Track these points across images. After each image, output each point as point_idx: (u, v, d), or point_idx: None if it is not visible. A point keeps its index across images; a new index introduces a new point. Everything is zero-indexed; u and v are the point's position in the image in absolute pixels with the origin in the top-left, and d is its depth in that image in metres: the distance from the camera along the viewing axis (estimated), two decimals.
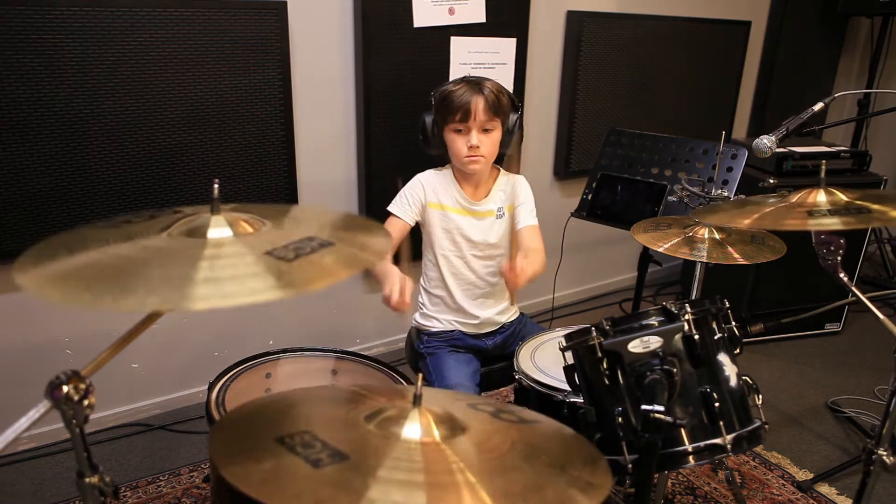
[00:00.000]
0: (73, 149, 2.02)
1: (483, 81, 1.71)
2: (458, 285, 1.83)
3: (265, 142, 2.33)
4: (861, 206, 1.19)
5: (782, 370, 2.89)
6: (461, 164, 1.75)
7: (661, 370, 1.11)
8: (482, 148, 1.70)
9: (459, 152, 1.71)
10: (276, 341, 2.56)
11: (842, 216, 1.17)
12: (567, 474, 0.85)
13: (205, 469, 2.14)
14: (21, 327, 2.13)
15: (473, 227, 1.81)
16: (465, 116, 1.67)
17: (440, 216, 1.80)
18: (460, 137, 1.71)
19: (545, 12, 2.92)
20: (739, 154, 2.09)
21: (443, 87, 1.73)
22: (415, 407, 0.89)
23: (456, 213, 1.80)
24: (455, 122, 1.69)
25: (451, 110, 1.68)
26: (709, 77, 3.52)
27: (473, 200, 1.81)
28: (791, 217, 1.21)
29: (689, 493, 2.10)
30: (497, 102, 1.69)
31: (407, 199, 1.79)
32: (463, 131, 1.70)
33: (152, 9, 2.03)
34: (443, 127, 1.73)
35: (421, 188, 1.80)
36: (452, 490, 0.75)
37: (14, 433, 0.76)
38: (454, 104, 1.67)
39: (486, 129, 1.70)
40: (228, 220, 0.89)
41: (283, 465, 0.75)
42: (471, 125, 1.68)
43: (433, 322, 1.87)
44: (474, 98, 1.66)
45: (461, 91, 1.68)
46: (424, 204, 1.79)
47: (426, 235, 1.84)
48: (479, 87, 1.68)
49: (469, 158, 1.71)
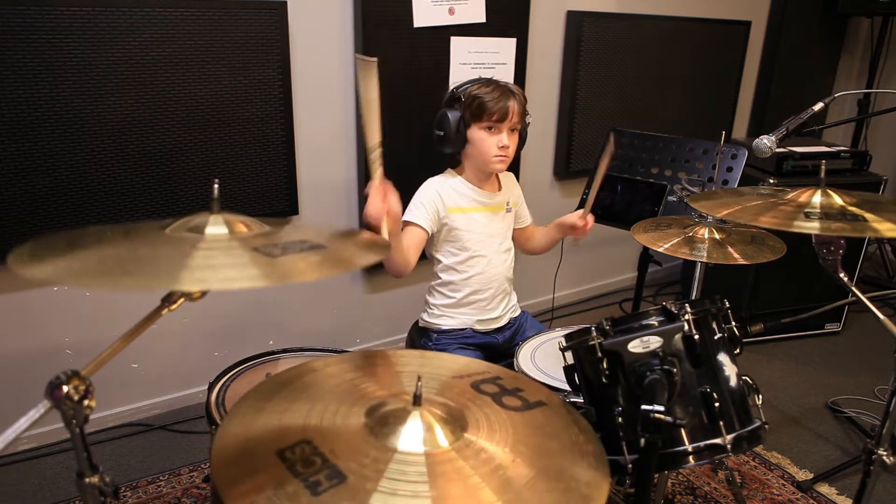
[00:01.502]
0: (73, 149, 2.02)
1: (509, 84, 1.78)
2: (483, 284, 1.85)
3: (265, 142, 2.33)
4: (855, 214, 1.19)
5: (782, 370, 2.89)
6: (486, 163, 1.78)
7: (661, 370, 1.11)
8: (510, 148, 1.77)
9: (489, 151, 1.75)
10: (276, 341, 2.56)
11: (831, 222, 1.17)
12: (567, 477, 0.85)
13: (205, 469, 2.14)
14: (21, 327, 2.13)
15: (493, 220, 1.86)
16: (502, 118, 1.73)
17: (463, 218, 1.82)
18: (491, 136, 1.75)
19: (545, 12, 2.92)
20: (739, 154, 2.09)
21: (470, 87, 1.74)
22: (415, 407, 0.89)
23: (476, 212, 1.84)
24: (490, 121, 1.73)
25: (488, 111, 1.72)
26: (709, 77, 3.52)
27: (489, 193, 1.86)
28: (775, 215, 1.22)
29: (689, 493, 2.10)
30: (525, 105, 1.79)
31: (424, 206, 1.77)
32: (494, 130, 1.74)
33: (152, 9, 2.03)
34: (470, 124, 1.75)
35: (437, 195, 1.79)
36: (452, 499, 0.76)
37: (14, 433, 0.77)
38: (492, 106, 1.72)
39: (513, 129, 1.78)
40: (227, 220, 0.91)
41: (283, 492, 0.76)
42: (503, 126, 1.74)
43: (445, 320, 1.88)
44: (511, 101, 1.73)
45: (497, 93, 1.73)
46: (443, 210, 1.79)
47: (447, 242, 1.83)
48: (510, 90, 1.75)
49: (498, 157, 1.76)
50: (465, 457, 0.85)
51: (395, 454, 0.83)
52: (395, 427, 0.87)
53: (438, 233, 1.82)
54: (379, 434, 0.87)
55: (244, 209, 2.56)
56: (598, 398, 1.22)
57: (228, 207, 0.93)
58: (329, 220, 2.60)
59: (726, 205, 1.32)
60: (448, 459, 0.84)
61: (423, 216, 1.75)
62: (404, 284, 2.86)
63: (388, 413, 0.91)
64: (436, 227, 1.79)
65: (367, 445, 0.85)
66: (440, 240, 1.83)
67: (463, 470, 0.82)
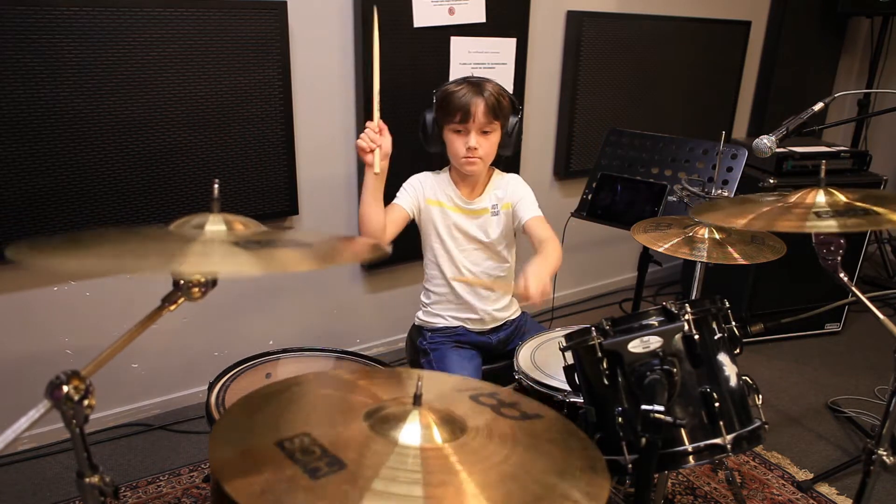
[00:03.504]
0: (73, 149, 2.02)
1: (484, 83, 1.71)
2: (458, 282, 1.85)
3: (265, 142, 2.33)
4: (863, 208, 1.19)
5: (782, 370, 2.89)
6: (458, 164, 1.77)
7: (661, 370, 1.11)
8: (480, 150, 1.72)
9: (457, 153, 1.74)
10: (276, 341, 2.56)
11: (842, 218, 1.16)
12: (567, 480, 0.85)
13: (205, 469, 2.14)
14: (21, 327, 2.13)
15: (469, 223, 1.84)
16: (465, 118, 1.68)
17: (439, 213, 1.83)
18: (459, 138, 1.72)
19: (545, 12, 2.92)
20: (739, 154, 2.09)
21: (444, 87, 1.74)
22: (415, 407, 0.89)
23: (452, 211, 1.84)
24: (455, 122, 1.70)
25: (450, 111, 1.69)
26: (709, 77, 3.52)
27: (468, 199, 1.84)
28: (788, 218, 1.21)
29: (689, 493, 2.10)
30: (497, 105, 1.70)
31: (406, 191, 1.85)
32: (462, 132, 1.72)
33: (152, 9, 2.03)
34: (443, 126, 1.75)
35: (420, 184, 1.85)
36: (451, 500, 0.76)
37: (14, 433, 0.77)
38: (454, 105, 1.68)
39: (485, 131, 1.72)
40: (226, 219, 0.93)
41: (282, 476, 0.76)
42: (470, 127, 1.70)
43: (437, 319, 1.89)
44: (475, 100, 1.68)
45: (462, 92, 1.69)
46: (423, 199, 1.83)
47: (426, 235, 1.86)
48: (479, 89, 1.69)
49: (466, 159, 1.73)
50: (464, 455, 0.85)
51: (395, 446, 0.83)
52: (395, 423, 0.87)
53: (420, 222, 1.85)
54: (379, 430, 0.87)
55: (244, 209, 2.58)
56: (598, 398, 1.22)
57: (228, 207, 0.93)
58: (329, 219, 2.60)
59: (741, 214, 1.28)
60: (446, 456, 0.84)
61: (405, 198, 1.82)
62: (404, 284, 2.86)
63: (389, 413, 0.91)
64: (416, 212, 1.83)
65: (367, 439, 0.85)
66: (423, 231, 1.86)
67: (461, 467, 0.82)
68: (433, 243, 1.86)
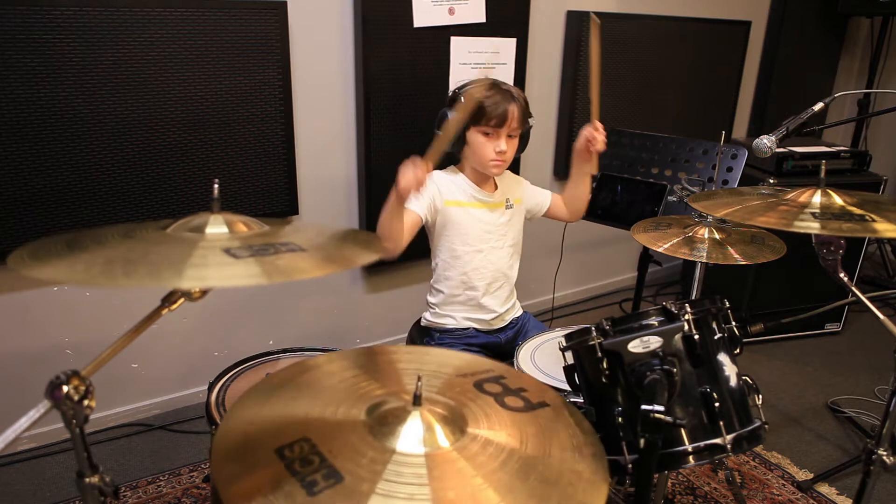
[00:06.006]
0: (73, 149, 2.02)
1: (511, 89, 1.76)
2: (478, 279, 1.85)
3: (265, 142, 2.33)
4: (861, 215, 1.19)
5: (782, 370, 2.89)
6: (484, 166, 1.79)
7: (661, 370, 1.11)
8: (508, 153, 1.76)
9: (486, 155, 1.76)
10: (276, 341, 2.56)
11: (836, 221, 1.16)
12: (565, 481, 0.85)
13: (205, 469, 2.14)
14: (21, 328, 2.13)
15: (491, 217, 1.86)
16: (500, 122, 1.72)
17: (460, 212, 1.83)
18: (489, 141, 1.75)
19: (545, 12, 2.92)
20: (739, 154, 2.09)
21: (468, 89, 1.71)
22: (415, 407, 0.89)
23: (473, 207, 1.84)
24: (488, 125, 1.72)
25: (485, 115, 1.71)
26: (709, 77, 3.52)
27: (487, 192, 1.86)
28: (771, 215, 1.22)
29: (689, 493, 2.10)
30: (525, 111, 1.78)
31: (420, 195, 1.78)
32: (492, 135, 1.74)
33: (152, 9, 2.03)
34: (469, 127, 1.75)
35: (435, 187, 1.81)
36: (448, 501, 0.76)
37: (14, 433, 0.77)
38: (490, 111, 1.71)
39: (512, 135, 1.77)
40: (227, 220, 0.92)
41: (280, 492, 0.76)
42: (502, 131, 1.74)
43: (447, 320, 1.89)
44: (510, 107, 1.72)
45: (497, 98, 1.71)
46: (439, 201, 1.80)
47: (443, 236, 1.84)
48: (511, 95, 1.74)
49: (494, 162, 1.76)
50: (464, 458, 0.85)
51: (392, 455, 0.83)
52: (394, 427, 0.87)
53: (434, 225, 1.83)
54: (378, 434, 0.87)
55: (244, 209, 2.58)
56: (598, 398, 1.22)
57: (229, 207, 0.93)
58: (329, 219, 2.60)
59: (726, 204, 1.32)
60: (446, 460, 0.84)
61: (418, 203, 1.78)
62: (404, 284, 2.86)
63: (388, 412, 0.91)
64: (430, 216, 1.80)
65: (366, 445, 0.85)
66: (438, 233, 1.85)
67: (462, 471, 0.82)
68: (453, 244, 1.83)
